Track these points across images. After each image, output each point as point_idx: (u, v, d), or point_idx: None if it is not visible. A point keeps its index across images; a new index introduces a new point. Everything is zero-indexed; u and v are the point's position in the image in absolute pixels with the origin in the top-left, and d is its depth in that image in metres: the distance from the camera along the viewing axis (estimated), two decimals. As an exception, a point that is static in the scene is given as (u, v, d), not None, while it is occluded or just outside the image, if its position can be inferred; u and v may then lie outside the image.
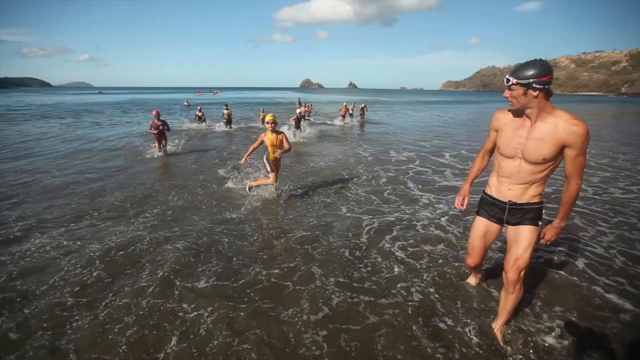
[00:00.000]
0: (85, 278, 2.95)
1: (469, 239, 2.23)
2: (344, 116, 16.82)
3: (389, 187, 5.75)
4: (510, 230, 2.00)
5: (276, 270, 3.07)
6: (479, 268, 2.47)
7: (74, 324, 2.39)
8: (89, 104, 34.63)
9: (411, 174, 6.76)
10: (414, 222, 4.20)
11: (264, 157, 4.91)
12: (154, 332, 2.30)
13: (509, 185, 1.90)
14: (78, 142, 10.81)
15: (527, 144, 1.75)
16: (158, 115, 8.40)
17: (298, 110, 12.43)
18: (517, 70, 1.68)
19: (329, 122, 17.22)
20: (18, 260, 3.27)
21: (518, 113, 1.80)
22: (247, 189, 5.06)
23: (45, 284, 2.87)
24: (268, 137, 4.76)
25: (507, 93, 1.74)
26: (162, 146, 8.42)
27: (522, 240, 1.94)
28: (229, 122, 13.97)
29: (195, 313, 2.48)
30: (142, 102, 40.97)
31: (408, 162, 7.80)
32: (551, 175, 1.86)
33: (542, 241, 1.89)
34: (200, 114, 14.80)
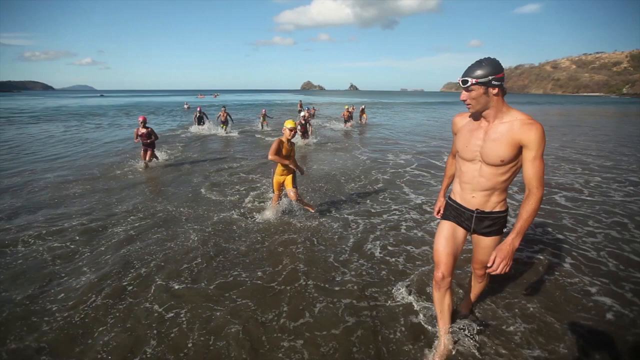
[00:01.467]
0: (71, 281, 2.98)
1: (435, 248, 1.96)
2: (346, 120, 16.24)
3: (384, 191, 5.77)
4: (476, 237, 1.96)
5: (259, 273, 3.09)
6: (449, 284, 1.94)
7: (53, 325, 2.40)
8: (92, 107, 34.88)
9: (408, 177, 6.78)
10: (401, 225, 4.22)
11: (272, 171, 4.34)
12: (133, 333, 2.31)
13: (472, 192, 1.83)
14: (78, 146, 10.88)
15: (485, 145, 1.70)
16: (144, 122, 7.45)
17: (302, 114, 11.50)
18: (471, 71, 1.61)
19: (330, 125, 17.00)
20: (1, 263, 3.30)
21: (476, 115, 1.76)
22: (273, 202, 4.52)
23: (28, 286, 2.89)
24: (284, 146, 4.08)
25: (464, 96, 1.67)
26: (147, 157, 7.41)
27: (486, 247, 1.93)
28: (225, 123, 13.72)
29: (172, 313, 2.50)
30: (144, 104, 41.25)
31: (405, 166, 7.82)
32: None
33: (491, 269, 1.61)
34: (200, 114, 14.49)
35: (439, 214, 2.19)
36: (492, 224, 1.86)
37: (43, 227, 4.17)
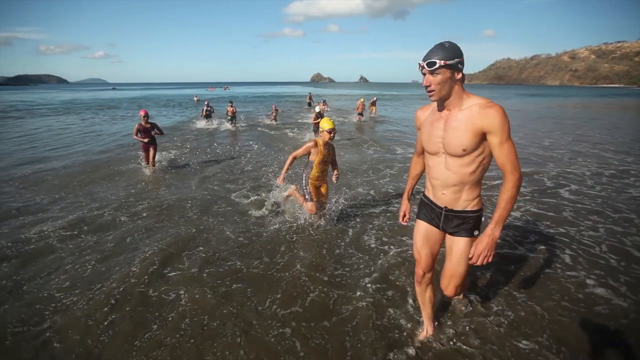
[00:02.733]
0: (77, 268, 3.12)
1: (414, 247, 1.97)
2: (361, 112, 15.58)
3: (389, 185, 5.78)
4: (447, 239, 1.87)
5: (256, 262, 3.18)
6: (429, 279, 1.97)
7: (58, 311, 2.52)
8: (105, 100, 35.68)
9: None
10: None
11: (304, 176, 3.78)
12: (135, 317, 2.43)
13: (442, 189, 1.73)
14: (94, 138, 11.18)
15: (446, 135, 1.61)
16: (147, 116, 6.65)
17: (317, 109, 10.90)
18: (436, 53, 1.49)
19: (341, 118, 16.72)
20: (11, 247, 3.48)
21: (437, 105, 1.67)
22: (283, 195, 4.09)
23: (35, 273, 3.04)
24: (319, 149, 3.55)
25: (429, 81, 1.53)
26: (150, 157, 6.71)
27: (455, 253, 1.80)
28: (233, 119, 13.64)
29: (172, 296, 2.62)
30: (155, 97, 41.90)
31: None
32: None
33: (472, 261, 1.57)
34: (208, 108, 14.37)
35: (405, 220, 2.11)
36: (461, 223, 1.75)
37: (53, 216, 4.36)
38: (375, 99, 19.41)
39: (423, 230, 1.91)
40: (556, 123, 15.21)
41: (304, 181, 3.75)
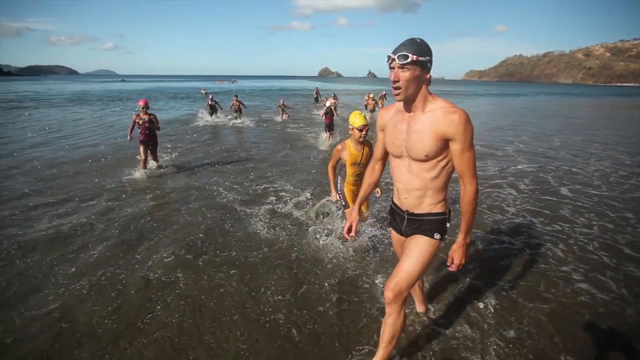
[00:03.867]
0: (82, 254, 3.27)
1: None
2: (373, 110, 14.78)
3: (389, 179, 5.87)
4: (406, 242, 1.77)
5: (254, 252, 3.31)
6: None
7: (64, 294, 2.65)
8: (115, 92, 36.20)
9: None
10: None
11: (339, 179, 3.42)
12: (142, 297, 2.58)
13: (405, 192, 1.67)
14: (105, 129, 11.44)
15: (409, 138, 1.55)
16: (146, 106, 6.07)
17: (328, 103, 9.91)
18: (408, 47, 1.41)
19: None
20: (19, 234, 3.64)
21: (401, 106, 1.59)
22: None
23: (42, 258, 3.18)
24: (349, 151, 3.09)
25: (397, 75, 1.44)
26: (149, 153, 6.15)
27: (409, 252, 1.68)
28: (238, 113, 13.60)
29: (172, 280, 2.76)
30: (163, 89, 42.30)
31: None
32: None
33: (451, 268, 1.60)
34: (212, 102, 13.99)
35: (350, 234, 1.91)
36: (421, 224, 1.68)
37: (60, 204, 4.54)
38: (384, 92, 19.18)
39: (395, 238, 1.92)
40: (565, 122, 15.03)
41: (339, 185, 3.38)
